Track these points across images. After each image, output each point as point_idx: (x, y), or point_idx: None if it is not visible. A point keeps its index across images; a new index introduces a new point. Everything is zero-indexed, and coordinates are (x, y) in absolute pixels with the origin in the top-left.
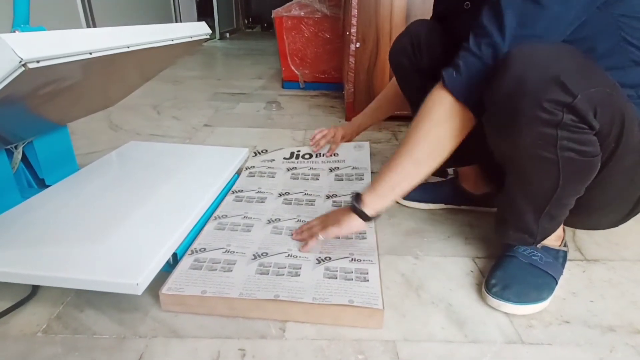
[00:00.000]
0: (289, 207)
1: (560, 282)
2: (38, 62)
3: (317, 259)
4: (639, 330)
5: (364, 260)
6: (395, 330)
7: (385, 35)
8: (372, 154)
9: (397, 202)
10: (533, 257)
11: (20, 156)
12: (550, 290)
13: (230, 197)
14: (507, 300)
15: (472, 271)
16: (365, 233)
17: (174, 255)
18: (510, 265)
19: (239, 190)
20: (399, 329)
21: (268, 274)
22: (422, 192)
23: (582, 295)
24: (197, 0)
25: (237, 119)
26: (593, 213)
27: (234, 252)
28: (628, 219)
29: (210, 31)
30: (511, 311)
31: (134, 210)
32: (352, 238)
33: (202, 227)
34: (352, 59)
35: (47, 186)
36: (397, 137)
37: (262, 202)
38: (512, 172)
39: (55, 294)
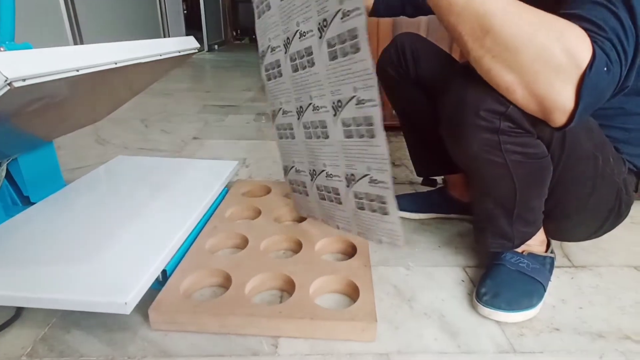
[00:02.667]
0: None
1: (549, 289)
2: (24, 80)
3: (345, 178)
4: (628, 336)
5: (379, 183)
6: (389, 343)
7: (372, 49)
8: None
9: None
10: (520, 264)
11: (4, 173)
12: (540, 296)
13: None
14: (498, 308)
15: (463, 280)
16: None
17: (164, 272)
18: (499, 273)
19: None
20: (392, 341)
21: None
22: (411, 202)
23: (571, 302)
24: (185, 13)
25: (227, 131)
26: (562, 222)
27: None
28: (600, 234)
29: (198, 45)
30: (502, 319)
31: (122, 227)
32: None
33: (192, 243)
34: None
35: (32, 203)
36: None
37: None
38: (473, 179)
39: (40, 316)
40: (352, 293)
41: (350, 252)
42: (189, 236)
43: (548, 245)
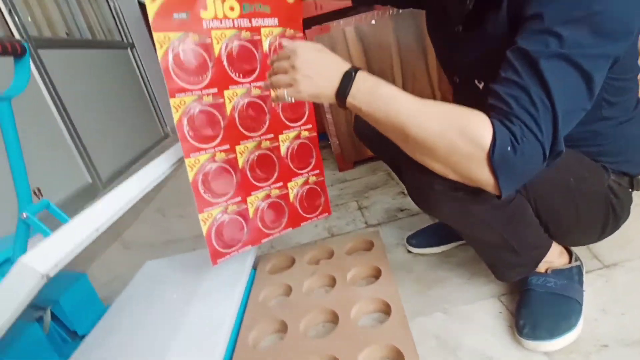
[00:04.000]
0: None
1: (585, 300)
2: (56, 265)
3: None
4: None
5: None
6: None
7: None
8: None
9: (409, 252)
10: (547, 285)
11: (49, 318)
12: (578, 314)
13: None
14: (541, 339)
15: (500, 312)
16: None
17: None
18: (530, 299)
19: None
20: None
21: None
22: (428, 236)
23: (612, 310)
24: None
25: None
26: (565, 238)
27: None
28: (609, 233)
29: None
30: (548, 349)
31: (169, 341)
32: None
33: (237, 339)
34: (329, 115)
35: (80, 336)
36: (393, 177)
37: None
38: (461, 233)
39: None
40: (398, 358)
41: (385, 309)
42: (233, 330)
43: (570, 253)
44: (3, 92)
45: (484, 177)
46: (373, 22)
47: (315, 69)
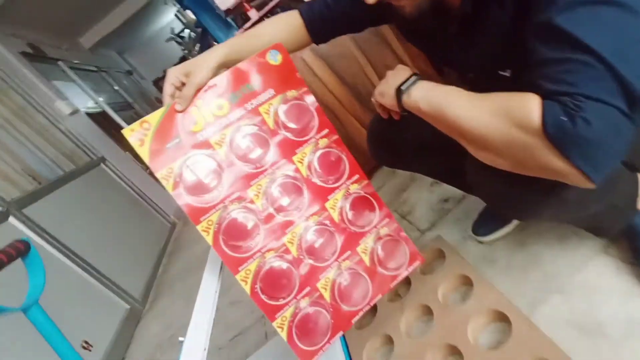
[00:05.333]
0: None
1: None
2: None
3: None
4: None
5: None
6: None
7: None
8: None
9: (481, 243)
10: None
11: None
12: None
13: None
14: None
15: (618, 268)
16: None
17: None
18: None
19: None
20: None
21: None
22: (492, 218)
23: None
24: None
25: None
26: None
27: None
28: None
29: None
30: None
31: None
32: None
33: None
34: None
35: None
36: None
37: None
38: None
39: None
40: None
41: (500, 317)
42: None
43: None
44: (23, 302)
45: (557, 164)
46: None
47: (392, 74)
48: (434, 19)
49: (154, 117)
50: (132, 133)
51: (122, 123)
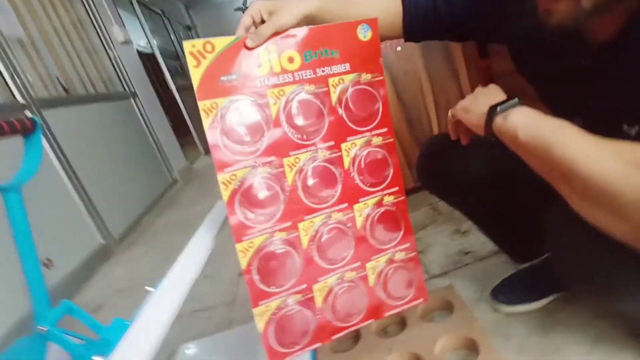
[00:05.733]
0: None
1: None
2: None
3: None
4: None
5: None
6: None
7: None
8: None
9: (497, 311)
10: None
11: None
12: None
13: None
14: None
15: None
16: None
17: None
18: None
19: None
20: None
21: None
22: (521, 287)
23: None
24: (171, 125)
25: None
26: None
27: None
28: None
29: None
30: None
31: None
32: None
33: None
34: None
35: None
36: (440, 211)
37: None
38: None
39: None
40: None
41: None
42: None
43: None
44: (12, 178)
45: None
46: (399, 48)
47: (483, 91)
48: (572, 40)
49: (220, 43)
50: (193, 49)
51: (166, 71)
